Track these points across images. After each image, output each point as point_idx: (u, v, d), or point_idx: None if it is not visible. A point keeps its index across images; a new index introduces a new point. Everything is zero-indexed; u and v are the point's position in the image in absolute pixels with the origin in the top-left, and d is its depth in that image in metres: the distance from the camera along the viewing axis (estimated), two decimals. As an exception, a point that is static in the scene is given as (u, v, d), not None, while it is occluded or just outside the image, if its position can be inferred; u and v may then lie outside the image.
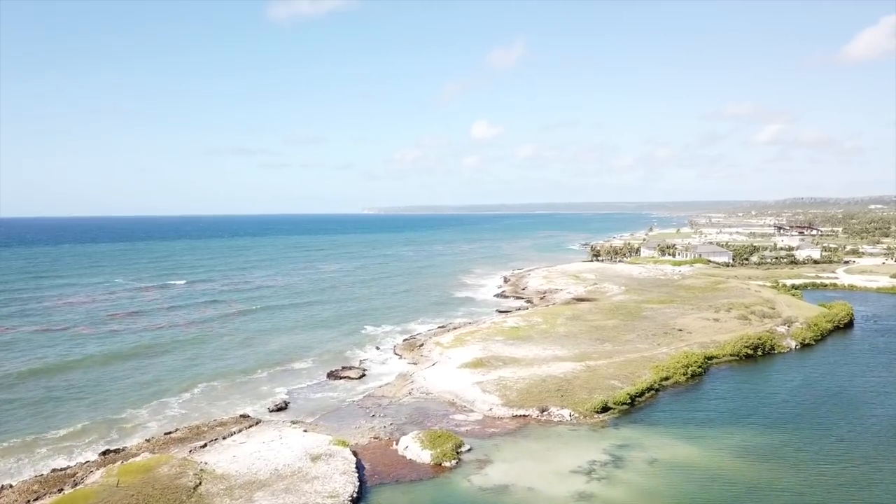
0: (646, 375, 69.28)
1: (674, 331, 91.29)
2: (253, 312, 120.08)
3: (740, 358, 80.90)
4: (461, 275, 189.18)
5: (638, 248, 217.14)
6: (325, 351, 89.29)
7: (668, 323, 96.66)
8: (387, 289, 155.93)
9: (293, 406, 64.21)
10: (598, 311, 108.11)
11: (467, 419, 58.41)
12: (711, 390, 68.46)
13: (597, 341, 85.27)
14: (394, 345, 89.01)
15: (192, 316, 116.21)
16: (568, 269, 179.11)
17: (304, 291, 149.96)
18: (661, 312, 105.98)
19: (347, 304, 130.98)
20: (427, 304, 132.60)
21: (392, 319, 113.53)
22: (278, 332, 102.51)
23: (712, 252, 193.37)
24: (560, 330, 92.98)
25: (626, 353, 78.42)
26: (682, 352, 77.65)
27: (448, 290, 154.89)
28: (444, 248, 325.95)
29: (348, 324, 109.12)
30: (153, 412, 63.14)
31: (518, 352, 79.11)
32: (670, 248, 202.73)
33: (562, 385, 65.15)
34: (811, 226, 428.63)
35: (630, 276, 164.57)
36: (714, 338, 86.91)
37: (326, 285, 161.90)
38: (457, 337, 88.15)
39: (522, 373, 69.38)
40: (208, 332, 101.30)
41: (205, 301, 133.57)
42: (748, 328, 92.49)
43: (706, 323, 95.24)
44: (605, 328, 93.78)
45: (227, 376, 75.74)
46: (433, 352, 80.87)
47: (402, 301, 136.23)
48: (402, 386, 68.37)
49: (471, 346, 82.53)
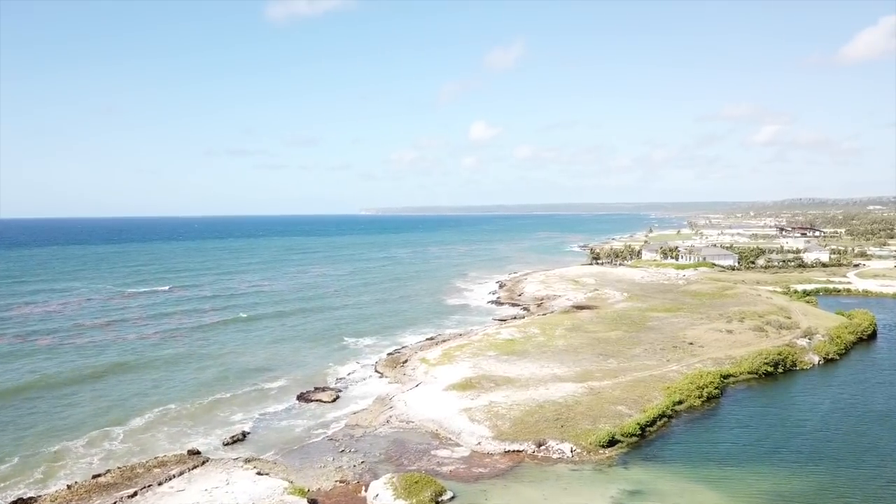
0: (656, 399, 61.18)
1: (684, 344, 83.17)
2: (232, 323, 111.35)
3: (759, 376, 72.80)
4: (456, 279, 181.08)
5: (639, 250, 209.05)
6: (302, 367, 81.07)
7: (676, 335, 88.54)
8: (378, 295, 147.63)
9: (253, 437, 55.94)
10: (600, 321, 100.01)
11: (452, 455, 50.21)
12: (731, 416, 60.35)
13: (600, 357, 77.13)
14: (376, 360, 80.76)
15: (167, 327, 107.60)
16: (567, 274, 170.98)
17: (292, 298, 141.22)
18: (668, 322, 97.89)
19: (334, 313, 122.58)
20: (418, 311, 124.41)
21: (379, 330, 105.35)
22: (255, 345, 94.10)
23: (717, 255, 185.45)
24: (559, 343, 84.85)
25: (632, 372, 70.30)
26: (696, 371, 69.50)
27: (441, 295, 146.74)
28: (441, 250, 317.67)
29: (332, 335, 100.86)
30: (91, 445, 54.85)
31: (512, 370, 70.94)
32: (673, 250, 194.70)
33: (561, 412, 56.99)
34: (813, 227, 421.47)
35: (632, 280, 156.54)
36: (729, 352, 78.83)
37: (315, 292, 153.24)
38: (445, 352, 79.95)
39: (517, 396, 61.21)
40: (179, 347, 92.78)
41: (185, 310, 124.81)
42: (765, 341, 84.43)
43: (719, 335, 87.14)
44: (609, 341, 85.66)
45: (188, 399, 67.48)
46: (418, 370, 72.66)
47: (393, 309, 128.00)
48: (379, 412, 60.16)
49: (460, 362, 74.34)
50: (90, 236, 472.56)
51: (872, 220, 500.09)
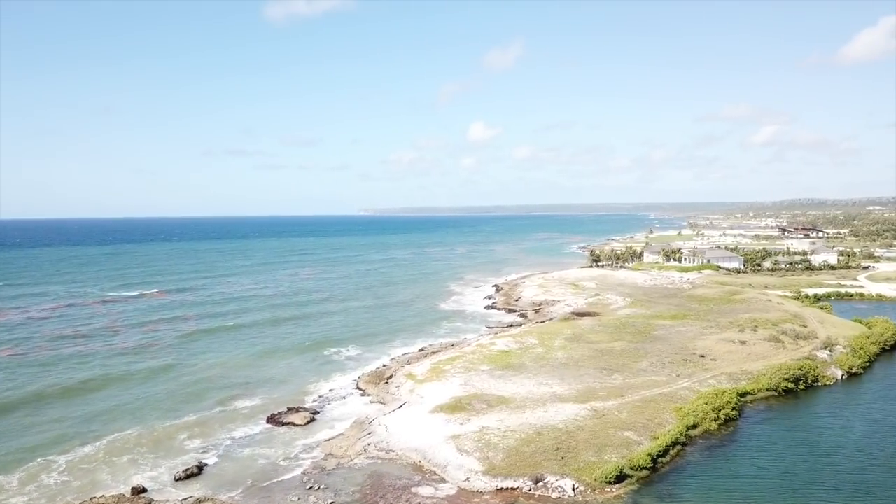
0: (668, 423, 54.60)
1: (694, 356, 76.57)
2: (214, 333, 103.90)
3: (779, 393, 66.28)
4: (451, 282, 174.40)
5: (641, 252, 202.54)
6: (280, 383, 74.44)
7: (685, 346, 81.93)
8: (369, 300, 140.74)
9: (210, 471, 49.21)
10: (602, 330, 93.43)
11: (435, 494, 43.60)
12: (752, 443, 53.74)
13: (603, 371, 70.52)
14: (359, 376, 74.01)
15: (144, 337, 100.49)
16: (566, 277, 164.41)
17: (280, 304, 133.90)
18: (675, 331, 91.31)
19: (322, 320, 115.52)
20: (410, 318, 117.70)
21: (367, 339, 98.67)
22: (235, 357, 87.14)
23: (721, 257, 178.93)
24: (558, 355, 78.23)
25: (639, 390, 63.70)
26: (711, 389, 62.91)
27: (435, 300, 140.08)
28: (438, 251, 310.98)
29: (317, 345, 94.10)
30: (28, 479, 48.21)
31: (507, 388, 64.30)
32: (676, 252, 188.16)
33: (562, 440, 50.37)
34: (815, 228, 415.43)
35: (634, 284, 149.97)
36: (744, 366, 72.26)
37: (305, 297, 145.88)
38: (434, 366, 73.28)
39: (512, 420, 54.57)
40: (153, 360, 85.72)
41: (166, 317, 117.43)
42: (782, 353, 77.88)
43: (731, 346, 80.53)
44: (612, 353, 79.04)
45: (150, 421, 60.81)
46: (403, 387, 65.99)
47: (384, 316, 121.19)
48: (356, 439, 53.49)
49: (450, 378, 67.68)
50: (86, 237, 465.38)
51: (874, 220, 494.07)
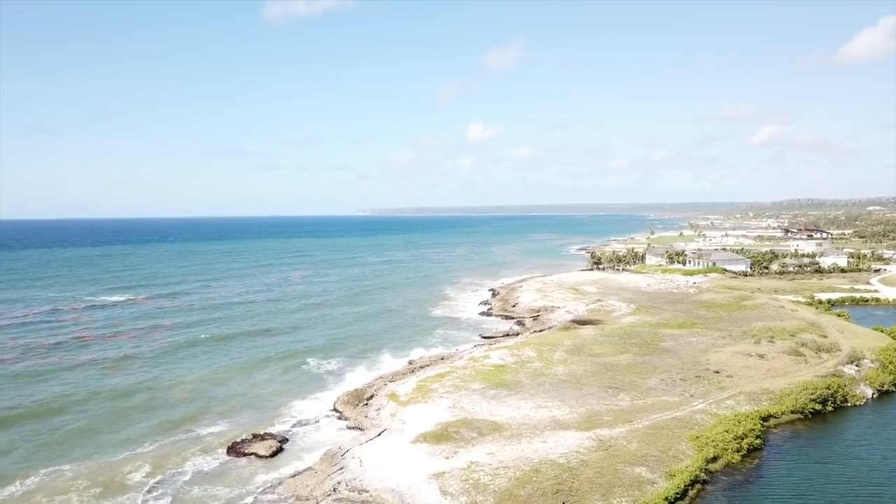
0: (685, 455, 47.53)
1: (708, 373, 69.46)
2: (192, 345, 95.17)
3: (805, 416, 59.27)
4: (446, 286, 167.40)
5: (643, 254, 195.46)
6: (251, 403, 67.35)
7: (697, 360, 74.83)
8: (359, 307, 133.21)
9: (151, 518, 42.15)
10: (606, 341, 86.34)
11: (412, 552, 36.52)
12: (782, 481, 46.64)
13: (608, 391, 63.43)
14: (337, 396, 66.75)
15: (116, 350, 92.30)
16: (566, 280, 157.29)
17: (266, 312, 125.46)
18: (684, 342, 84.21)
19: (307, 329, 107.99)
20: (400, 327, 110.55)
21: (352, 350, 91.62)
22: (208, 373, 79.46)
23: (728, 260, 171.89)
24: (558, 370, 71.14)
25: (649, 413, 56.62)
26: (731, 413, 55.82)
27: (428, 306, 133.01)
28: (434, 253, 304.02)
29: (298, 358, 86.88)
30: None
31: (501, 411, 57.17)
32: (680, 255, 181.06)
33: (563, 479, 43.27)
34: (818, 228, 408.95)
35: (637, 288, 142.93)
36: (764, 384, 65.18)
37: (293, 304, 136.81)
38: (421, 384, 66.11)
39: (505, 454, 47.44)
40: (119, 379, 77.60)
41: (145, 327, 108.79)
42: (804, 369, 70.83)
43: (748, 361, 73.43)
44: (618, 368, 71.95)
45: (97, 453, 53.59)
46: (384, 410, 58.83)
47: (372, 324, 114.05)
48: (326, 475, 46.34)
49: (437, 399, 60.53)
50: (82, 238, 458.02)
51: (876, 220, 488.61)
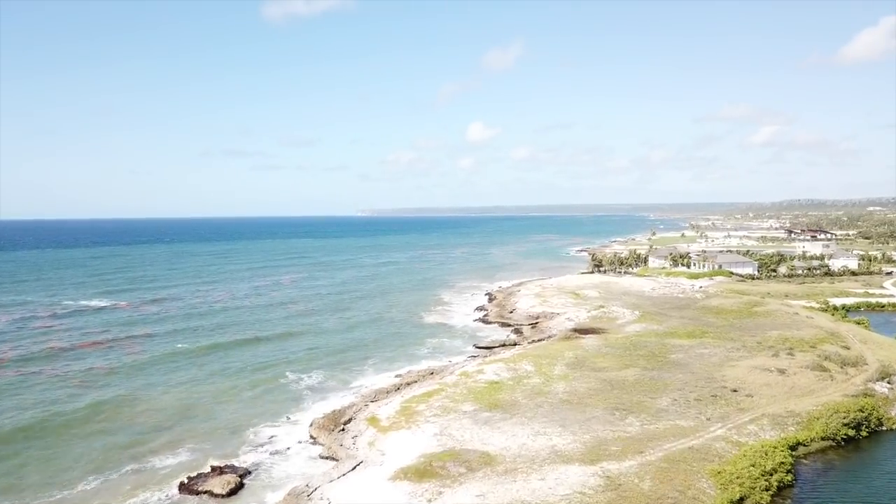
0: (706, 497, 40.85)
1: (725, 391, 62.78)
2: (167, 359, 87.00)
3: (837, 443, 52.65)
4: (441, 289, 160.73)
5: (645, 256, 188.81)
6: (218, 426, 60.62)
7: (712, 375, 68.13)
8: (348, 314, 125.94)
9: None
10: (610, 352, 79.67)
11: None
12: (822, 527, 40.04)
13: (615, 413, 56.73)
14: (312, 419, 59.92)
15: (85, 364, 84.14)
16: (566, 284, 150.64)
17: (252, 321, 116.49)
18: (695, 354, 77.52)
19: (288, 341, 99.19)
20: (389, 336, 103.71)
21: (336, 363, 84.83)
22: (179, 391, 72.11)
23: (734, 262, 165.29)
24: (559, 388, 64.47)
25: (662, 441, 49.92)
26: (757, 443, 49.10)
27: (421, 312, 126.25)
28: (431, 254, 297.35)
29: (275, 372, 79.89)
30: None
31: (494, 439, 50.44)
32: (684, 257, 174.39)
33: (565, 531, 36.59)
34: (822, 229, 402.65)
35: (641, 293, 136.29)
36: (788, 405, 58.52)
37: (282, 312, 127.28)
38: (405, 404, 59.35)
39: (497, 496, 40.70)
40: (80, 400, 69.14)
41: (121, 337, 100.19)
42: (830, 386, 64.18)
43: (768, 377, 66.73)
44: (624, 385, 65.26)
45: (35, 496, 46.74)
46: (362, 438, 52.05)
47: (361, 332, 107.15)
48: (288, 523, 39.65)
49: (422, 425, 53.80)
50: (78, 239, 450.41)
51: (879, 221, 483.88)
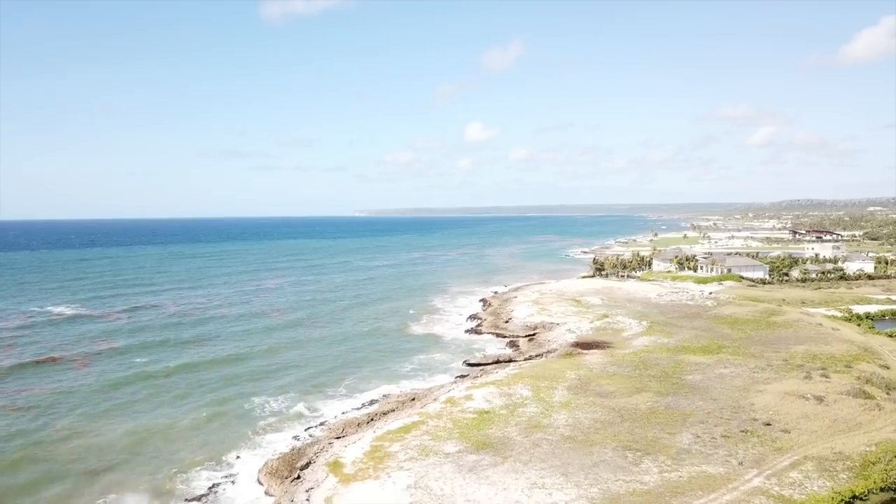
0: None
1: (755, 423, 53.25)
2: (115, 380, 76.26)
3: (899, 495, 43.15)
4: (433, 295, 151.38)
5: (649, 259, 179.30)
6: (157, 468, 51.16)
7: (737, 403, 58.60)
8: (330, 324, 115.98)
9: None
10: (617, 372, 70.17)
11: None
12: None
13: (627, 455, 47.17)
14: (266, 460, 50.28)
15: (21, 385, 75.48)
16: (565, 290, 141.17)
17: (223, 335, 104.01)
18: (715, 376, 67.99)
19: (259, 359, 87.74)
20: (371, 350, 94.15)
21: (307, 382, 75.44)
22: (118, 420, 62.27)
23: (744, 266, 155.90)
24: (560, 419, 54.95)
25: (688, 496, 40.37)
26: (809, 497, 39.55)
27: (409, 321, 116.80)
28: (426, 256, 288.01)
29: (238, 397, 69.96)
30: None
31: (480, 495, 40.80)
32: (690, 260, 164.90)
33: None
34: (827, 230, 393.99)
35: (647, 299, 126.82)
36: (834, 444, 48.99)
37: (260, 323, 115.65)
38: (376, 444, 49.68)
39: (481, 585, 31.14)
40: (14, 428, 61.08)
41: (74, 353, 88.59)
42: (879, 417, 54.62)
43: (804, 406, 57.18)
44: (636, 415, 55.74)
45: None
46: (318, 491, 42.35)
47: (340, 345, 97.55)
48: None
49: (394, 473, 44.16)
50: (70, 240, 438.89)
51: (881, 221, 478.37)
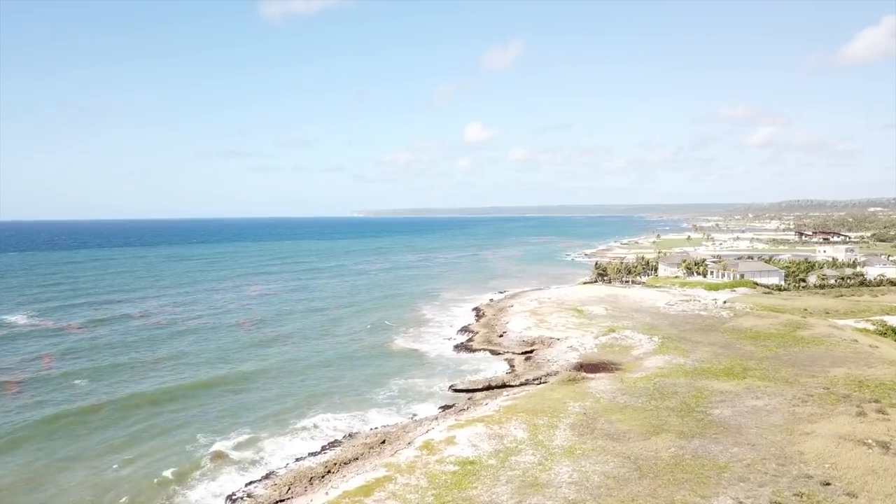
0: None
1: (809, 482, 42.01)
2: (40, 426, 63.13)
3: None
4: (422, 303, 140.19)
5: (655, 264, 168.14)
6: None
7: (782, 450, 47.35)
8: (308, 340, 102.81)
9: None
10: (629, 404, 58.96)
11: None
12: None
13: (651, 534, 35.92)
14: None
15: None
16: (566, 298, 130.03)
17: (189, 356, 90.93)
18: (747, 409, 56.73)
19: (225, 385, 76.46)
20: (345, 371, 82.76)
21: (262, 419, 63.84)
22: (28, 480, 51.04)
23: (757, 271, 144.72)
24: (562, 473, 43.77)
25: None
26: None
27: (392, 335, 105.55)
28: (420, 258, 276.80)
29: (181, 439, 58.24)
30: None
31: None
32: (699, 264, 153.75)
33: None
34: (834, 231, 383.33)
35: (655, 308, 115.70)
36: (918, 516, 37.81)
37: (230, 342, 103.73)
38: (326, 515, 38.48)
39: None
40: None
41: (14, 375, 79.91)
42: (964, 472, 43.46)
43: (867, 456, 45.90)
44: (657, 468, 44.53)
45: None
46: None
47: (312, 370, 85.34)
48: None
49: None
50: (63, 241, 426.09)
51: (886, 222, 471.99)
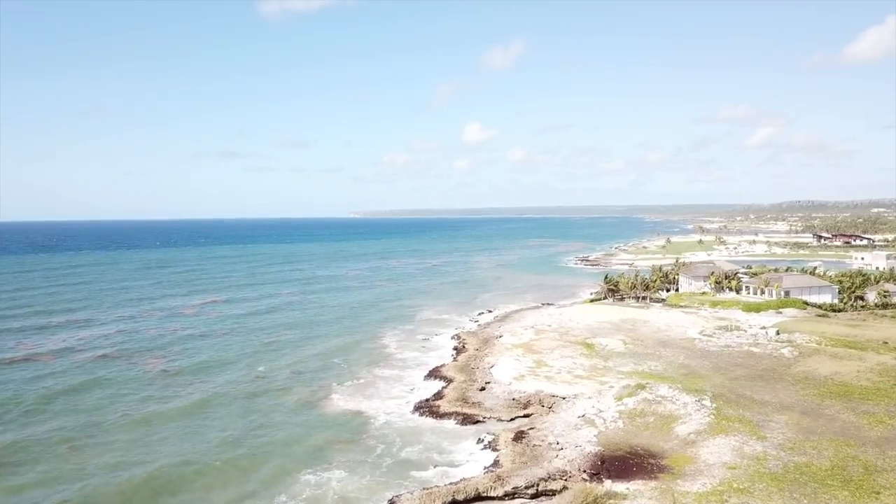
0: None
1: None
2: None
3: None
4: (390, 328, 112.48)
5: (674, 276, 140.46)
6: None
7: None
8: (227, 388, 77.33)
9: None
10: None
11: None
12: None
13: None
14: None
15: None
16: (570, 323, 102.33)
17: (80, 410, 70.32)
18: None
19: (109, 473, 52.35)
20: (238, 460, 55.01)
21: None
22: None
23: (804, 286, 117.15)
24: None
25: None
26: None
27: (335, 381, 77.83)
28: (405, 264, 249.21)
29: None
30: None
31: None
32: (732, 278, 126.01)
33: None
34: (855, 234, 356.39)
35: (688, 341, 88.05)
36: None
37: (144, 389, 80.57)
38: None
39: None
40: None
41: None
42: None
43: None
44: None
45: None
46: None
47: (200, 448, 58.69)
48: None
49: None
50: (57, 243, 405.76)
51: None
